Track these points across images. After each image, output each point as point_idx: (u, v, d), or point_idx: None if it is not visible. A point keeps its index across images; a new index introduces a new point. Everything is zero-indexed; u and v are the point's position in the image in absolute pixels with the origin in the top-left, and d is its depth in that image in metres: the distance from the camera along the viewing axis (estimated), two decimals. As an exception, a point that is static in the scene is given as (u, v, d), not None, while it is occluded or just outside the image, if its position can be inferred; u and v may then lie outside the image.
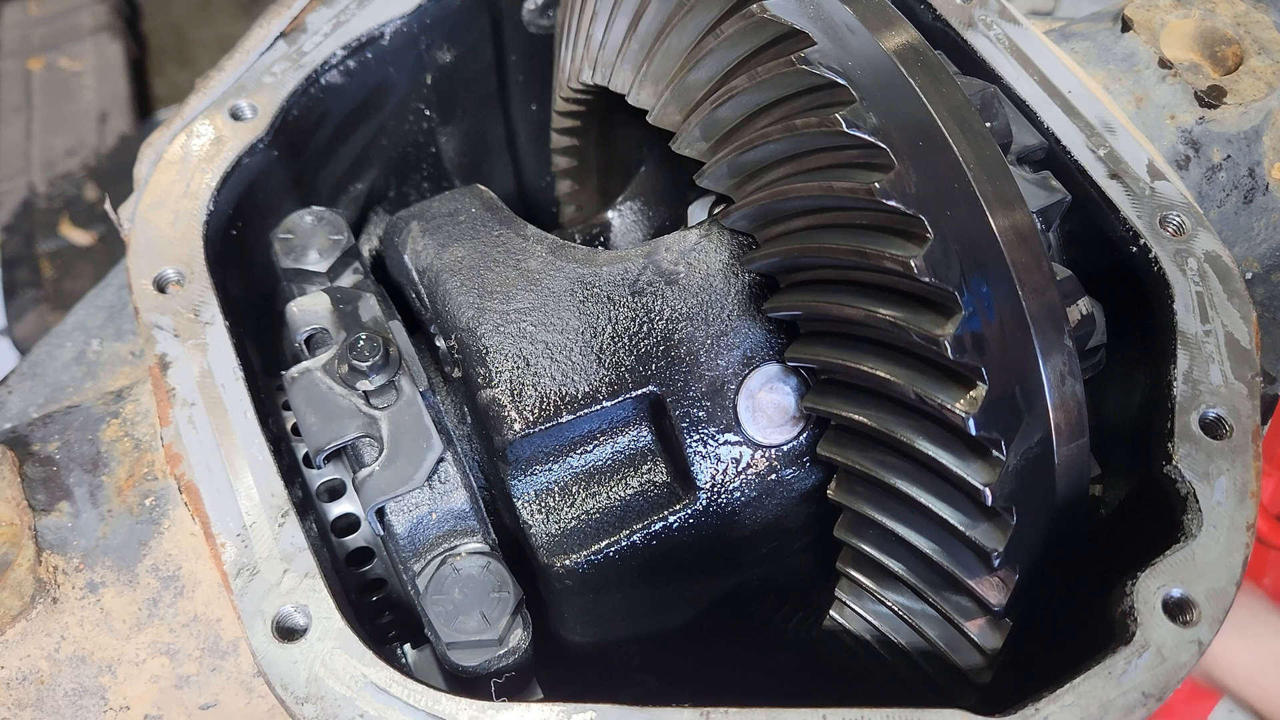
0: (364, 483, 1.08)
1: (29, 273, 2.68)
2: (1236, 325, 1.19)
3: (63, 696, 1.05)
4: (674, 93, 1.16)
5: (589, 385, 1.13)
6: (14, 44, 3.31)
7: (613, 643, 1.29)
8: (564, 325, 1.15)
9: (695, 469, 1.16)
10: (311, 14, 1.40)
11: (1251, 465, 1.11)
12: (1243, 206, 1.46)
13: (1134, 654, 1.00)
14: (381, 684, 0.99)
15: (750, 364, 1.17)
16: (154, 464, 1.14)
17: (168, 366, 1.14)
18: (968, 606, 1.09)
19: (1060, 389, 1.02)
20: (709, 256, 1.20)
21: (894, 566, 1.12)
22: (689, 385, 1.15)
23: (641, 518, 1.17)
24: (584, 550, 1.15)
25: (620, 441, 1.19)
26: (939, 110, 1.00)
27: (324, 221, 1.32)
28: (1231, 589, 1.04)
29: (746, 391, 1.17)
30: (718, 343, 1.17)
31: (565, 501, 1.18)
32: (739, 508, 1.19)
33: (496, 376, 1.12)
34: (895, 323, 1.00)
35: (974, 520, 1.04)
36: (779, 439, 1.19)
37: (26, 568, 1.05)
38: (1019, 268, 0.99)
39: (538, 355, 1.13)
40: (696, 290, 1.18)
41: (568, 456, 1.17)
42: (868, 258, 1.00)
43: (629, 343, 1.15)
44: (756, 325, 1.18)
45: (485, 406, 1.12)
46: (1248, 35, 1.44)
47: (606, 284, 1.18)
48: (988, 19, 1.40)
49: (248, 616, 1.01)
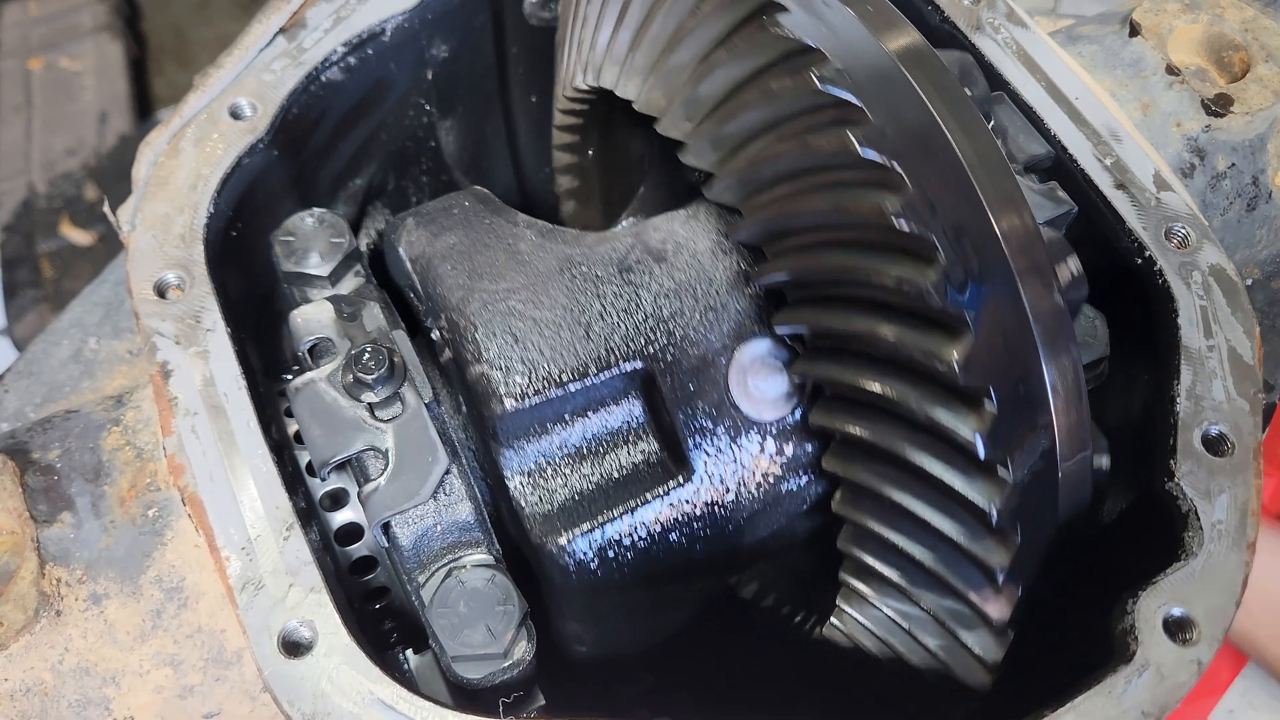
0: (369, 497, 1.08)
1: (29, 273, 2.66)
2: (1240, 340, 1.20)
3: (67, 708, 1.05)
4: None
5: (578, 360, 1.13)
6: (14, 44, 3.28)
7: (613, 644, 1.29)
8: (553, 302, 1.15)
9: (687, 445, 1.15)
10: (311, 9, 1.37)
11: (1252, 483, 1.11)
12: (1245, 214, 1.46)
13: (1134, 673, 1.01)
14: (388, 700, 0.99)
15: (740, 338, 1.18)
16: (156, 474, 1.13)
17: (169, 374, 1.13)
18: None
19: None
20: (697, 235, 1.22)
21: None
22: (678, 360, 1.15)
23: (635, 495, 1.16)
24: (577, 528, 1.13)
25: (612, 419, 1.18)
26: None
27: (325, 224, 1.30)
28: (1231, 608, 1.06)
29: (737, 367, 1.17)
30: (706, 317, 1.17)
31: (557, 479, 1.16)
32: (733, 485, 1.17)
33: (485, 352, 1.12)
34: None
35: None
36: (772, 415, 1.18)
37: (30, 580, 1.04)
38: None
39: (526, 331, 1.13)
40: (684, 267, 1.19)
41: (559, 433, 1.16)
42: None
43: (617, 318, 1.16)
44: (745, 300, 1.18)
45: (475, 381, 1.12)
46: (1255, 41, 1.44)
47: (595, 262, 1.19)
48: (995, 21, 1.39)
49: (254, 632, 1.01)
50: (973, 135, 1.02)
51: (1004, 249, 0.97)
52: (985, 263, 0.96)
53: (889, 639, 1.16)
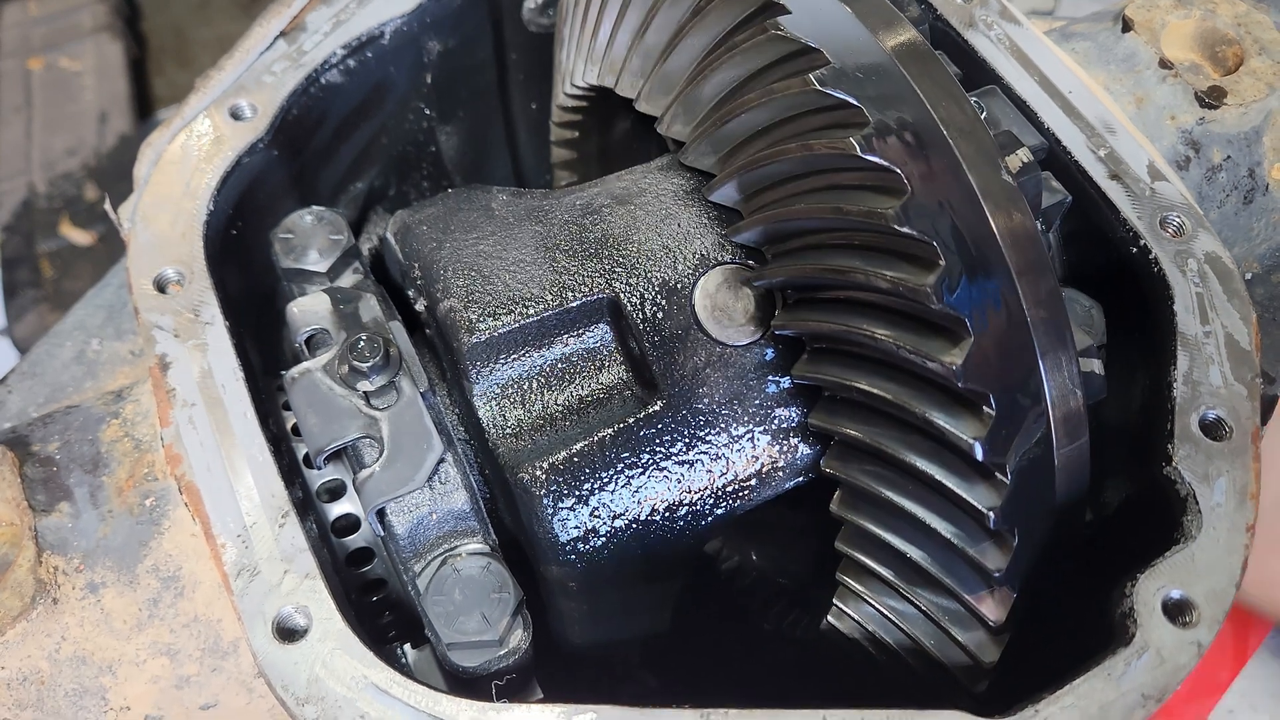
0: (364, 484, 1.08)
1: (29, 273, 2.67)
2: (1236, 326, 1.19)
3: (63, 697, 1.05)
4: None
5: (543, 289, 1.16)
6: (14, 44, 3.30)
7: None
8: (520, 244, 1.19)
9: (656, 370, 1.14)
10: (311, 13, 1.39)
11: (1251, 467, 1.11)
12: (1242, 207, 1.46)
13: (1134, 655, 1.01)
14: (382, 685, 0.99)
15: (705, 267, 1.18)
16: (154, 464, 1.14)
17: (168, 367, 1.14)
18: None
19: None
20: (660, 181, 1.24)
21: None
22: (643, 287, 1.16)
23: (607, 421, 1.14)
24: (549, 455, 1.11)
25: (581, 348, 1.18)
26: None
27: (324, 221, 1.32)
28: (1231, 590, 1.05)
29: (703, 293, 1.17)
30: (669, 249, 1.18)
31: (528, 408, 1.16)
32: (706, 408, 1.14)
33: (454, 287, 1.15)
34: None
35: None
36: (741, 339, 1.17)
37: (27, 568, 1.05)
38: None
39: (494, 269, 1.17)
40: (647, 206, 1.22)
41: (527, 362, 1.17)
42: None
43: (582, 249, 1.18)
44: (711, 234, 1.19)
45: (444, 316, 1.14)
46: (1248, 35, 1.44)
47: (562, 209, 1.22)
48: (988, 19, 1.40)
49: (248, 617, 1.01)
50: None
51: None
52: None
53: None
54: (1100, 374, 1.11)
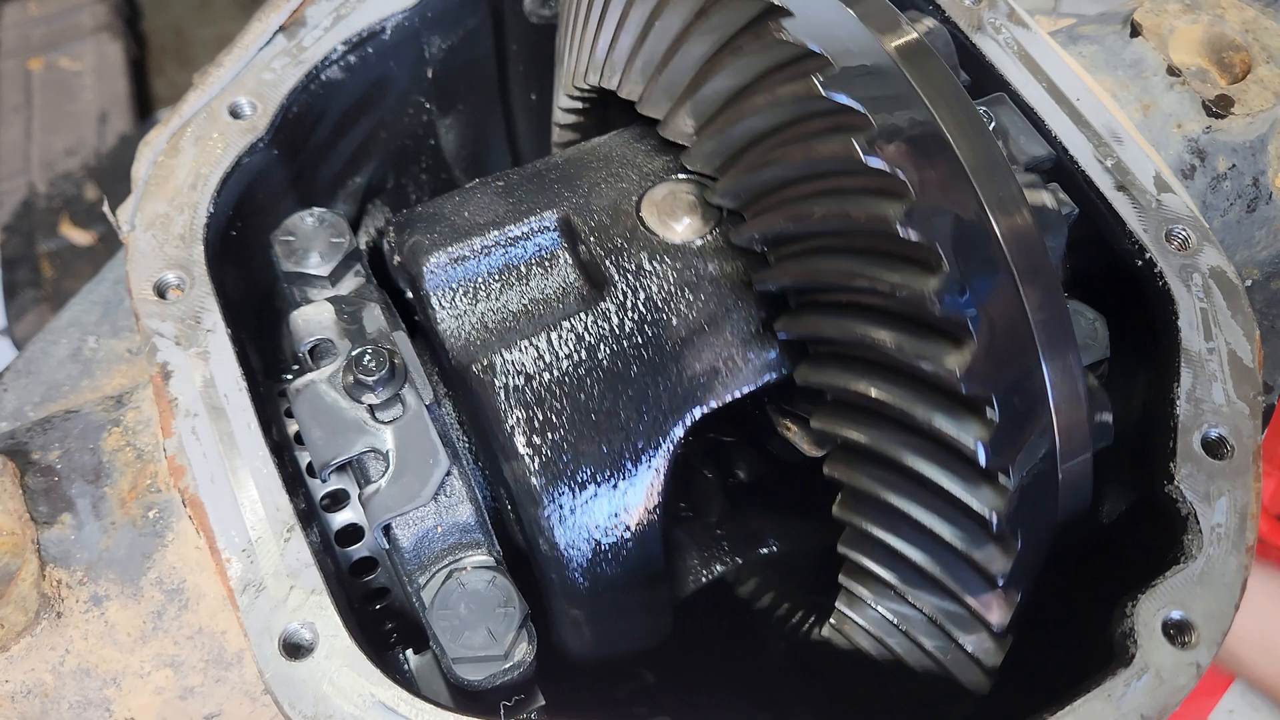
0: (370, 500, 1.08)
1: (29, 273, 2.66)
2: (1240, 343, 1.20)
3: (67, 709, 1.05)
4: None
5: (497, 215, 1.23)
6: (14, 44, 3.28)
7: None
8: (480, 199, 1.26)
9: (606, 268, 1.17)
10: (311, 8, 1.37)
11: (1251, 487, 1.12)
12: (1245, 215, 1.46)
13: (1133, 676, 1.02)
14: (389, 703, 0.99)
15: (652, 182, 1.24)
16: (157, 475, 1.13)
17: (169, 376, 1.13)
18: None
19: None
20: (616, 141, 1.32)
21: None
22: (591, 202, 1.22)
23: (562, 317, 1.16)
24: (503, 348, 1.14)
25: (535, 257, 1.23)
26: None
27: (325, 224, 1.30)
28: (1230, 611, 1.06)
29: (649, 202, 1.22)
30: (619, 173, 1.26)
31: (482, 311, 1.20)
32: (659, 303, 1.16)
33: (418, 228, 1.23)
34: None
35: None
36: (690, 236, 1.20)
37: (30, 582, 1.04)
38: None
39: (455, 210, 1.25)
40: (598, 153, 1.31)
41: (484, 278, 1.22)
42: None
43: (536, 187, 1.27)
44: (658, 156, 1.26)
45: (408, 250, 1.21)
46: (1256, 42, 1.43)
47: (523, 172, 1.31)
48: (996, 22, 1.39)
49: (255, 634, 1.01)
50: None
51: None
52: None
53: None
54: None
